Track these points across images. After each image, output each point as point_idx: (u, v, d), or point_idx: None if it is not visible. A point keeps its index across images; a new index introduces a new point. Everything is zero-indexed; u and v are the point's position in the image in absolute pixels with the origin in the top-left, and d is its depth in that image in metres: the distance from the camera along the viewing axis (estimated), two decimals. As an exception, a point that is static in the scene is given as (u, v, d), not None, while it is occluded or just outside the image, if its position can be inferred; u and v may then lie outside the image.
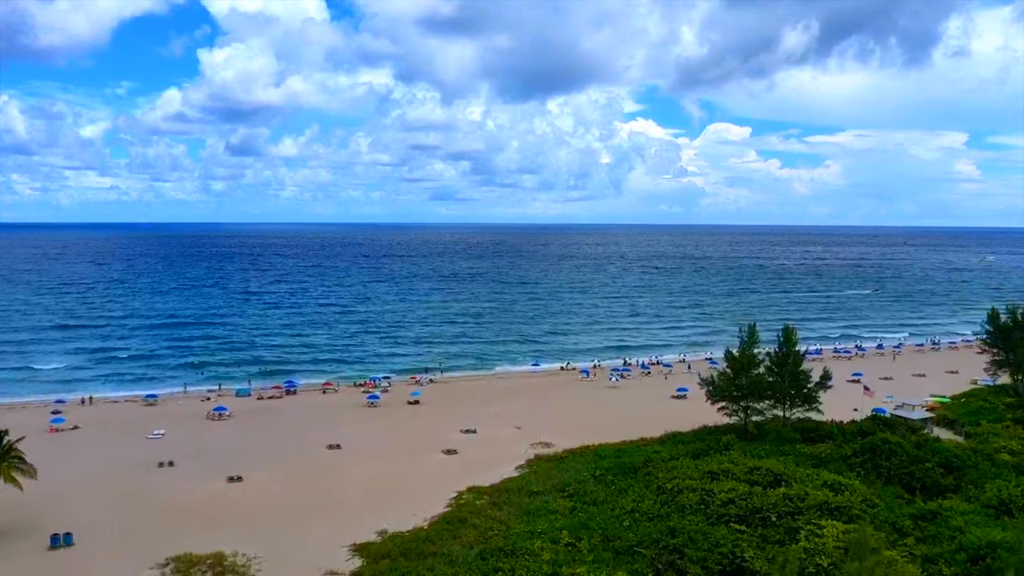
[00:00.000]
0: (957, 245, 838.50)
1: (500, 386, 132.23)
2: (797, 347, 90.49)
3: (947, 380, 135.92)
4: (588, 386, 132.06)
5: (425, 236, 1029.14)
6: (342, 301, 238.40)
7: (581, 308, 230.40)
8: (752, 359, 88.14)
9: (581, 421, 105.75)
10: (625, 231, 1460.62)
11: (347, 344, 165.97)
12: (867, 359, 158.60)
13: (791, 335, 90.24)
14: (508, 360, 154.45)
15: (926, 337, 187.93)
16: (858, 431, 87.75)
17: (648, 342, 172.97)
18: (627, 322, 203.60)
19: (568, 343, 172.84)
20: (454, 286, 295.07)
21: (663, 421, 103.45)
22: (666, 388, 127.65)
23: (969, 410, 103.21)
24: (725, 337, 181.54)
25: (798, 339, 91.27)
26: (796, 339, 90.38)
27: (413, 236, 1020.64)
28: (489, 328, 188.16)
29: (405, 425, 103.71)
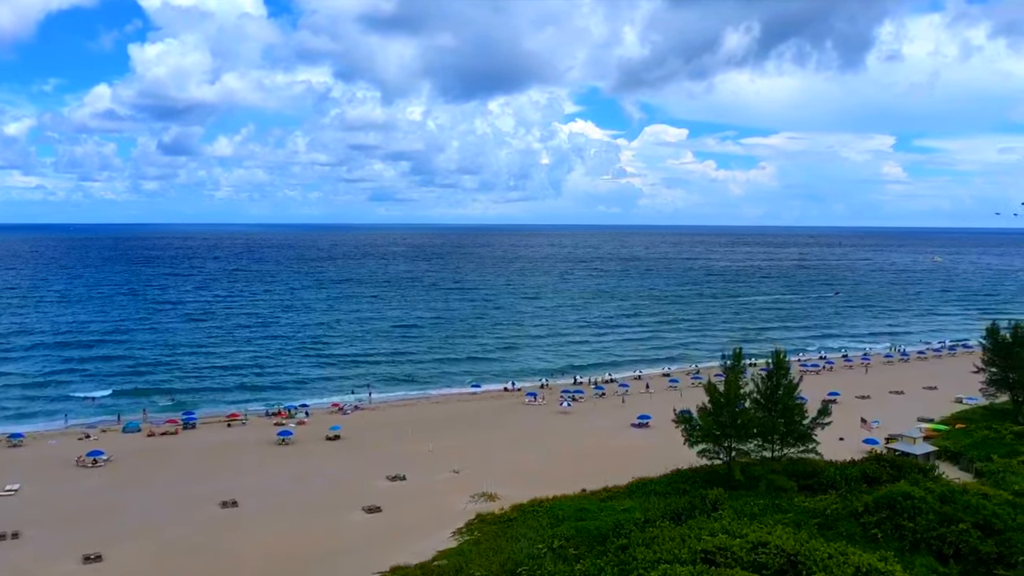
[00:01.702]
0: (895, 245, 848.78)
1: (436, 413, 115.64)
2: (790, 374, 75.99)
3: (928, 398, 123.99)
4: (536, 412, 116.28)
5: (363, 237, 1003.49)
6: (265, 311, 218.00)
7: (525, 317, 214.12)
8: (738, 392, 73.35)
9: (530, 461, 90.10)
10: (565, 232, 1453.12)
11: (264, 364, 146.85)
12: (837, 373, 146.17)
13: (782, 361, 75.79)
14: (446, 381, 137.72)
15: (892, 346, 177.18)
16: (861, 475, 73.98)
17: (600, 360, 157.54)
18: (576, 333, 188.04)
19: (512, 359, 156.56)
20: (389, 293, 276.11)
21: (627, 459, 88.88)
22: (624, 414, 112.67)
23: (973, 441, 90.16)
24: (682, 350, 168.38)
25: (788, 361, 76.69)
26: (788, 366, 75.86)
27: (351, 237, 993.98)
28: (425, 343, 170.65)
29: (321, 470, 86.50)
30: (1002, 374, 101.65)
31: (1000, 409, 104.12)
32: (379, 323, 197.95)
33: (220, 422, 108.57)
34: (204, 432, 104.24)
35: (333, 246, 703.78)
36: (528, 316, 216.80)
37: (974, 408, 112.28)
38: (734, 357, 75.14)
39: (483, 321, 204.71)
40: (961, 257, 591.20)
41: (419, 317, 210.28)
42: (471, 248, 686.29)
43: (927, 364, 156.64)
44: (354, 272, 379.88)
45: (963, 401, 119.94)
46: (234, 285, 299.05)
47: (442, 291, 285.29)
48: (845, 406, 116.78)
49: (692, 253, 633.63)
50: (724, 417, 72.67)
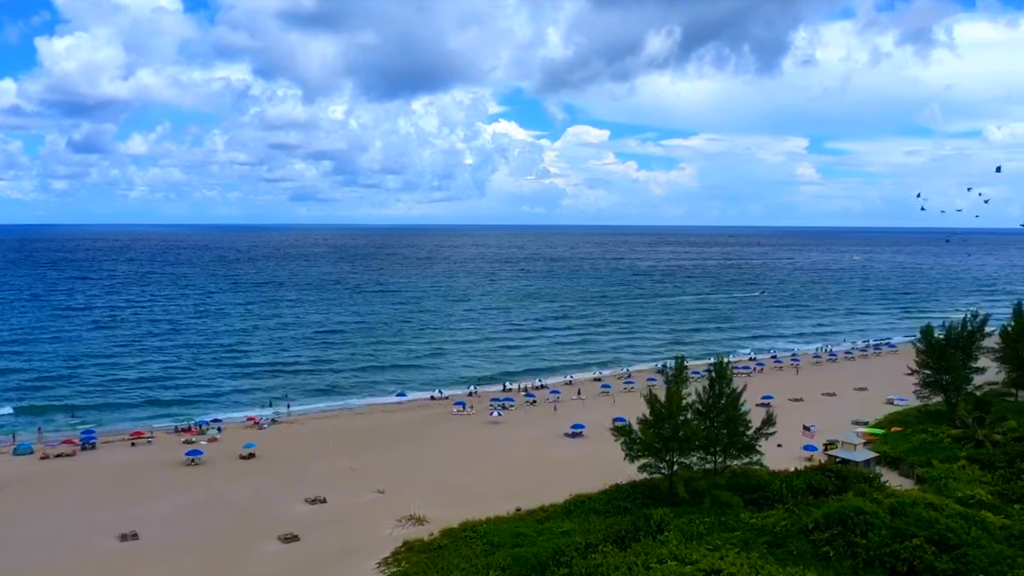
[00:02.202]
0: (812, 245, 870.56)
1: (360, 425, 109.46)
2: (733, 383, 72.55)
3: (859, 400, 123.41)
4: (465, 422, 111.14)
5: (284, 238, 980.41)
6: (179, 317, 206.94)
7: (452, 321, 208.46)
8: (680, 403, 69.54)
9: (460, 476, 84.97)
10: (489, 232, 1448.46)
11: (175, 375, 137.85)
12: (768, 374, 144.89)
13: (724, 369, 72.27)
14: (370, 390, 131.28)
15: (819, 346, 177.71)
16: (807, 487, 71.13)
17: (530, 365, 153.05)
18: (505, 338, 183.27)
19: (439, 366, 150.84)
20: (311, 296, 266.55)
21: (562, 473, 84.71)
22: (557, 423, 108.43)
23: (912, 445, 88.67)
24: (612, 354, 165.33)
25: (732, 372, 73.25)
26: (731, 375, 72.47)
27: (271, 238, 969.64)
28: (348, 350, 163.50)
29: (234, 493, 79.69)
30: (935, 376, 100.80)
31: (934, 411, 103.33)
32: (299, 329, 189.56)
33: (123, 441, 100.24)
34: (105, 452, 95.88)
35: (253, 247, 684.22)
36: (455, 320, 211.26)
37: (906, 409, 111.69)
38: (676, 366, 71.25)
39: (409, 326, 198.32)
40: (875, 256, 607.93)
41: (342, 322, 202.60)
42: (395, 249, 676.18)
43: (855, 364, 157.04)
44: (274, 274, 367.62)
45: (894, 402, 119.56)
46: (146, 289, 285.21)
47: (366, 294, 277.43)
48: (779, 409, 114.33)
49: (617, 253, 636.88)
50: (666, 430, 68.75)
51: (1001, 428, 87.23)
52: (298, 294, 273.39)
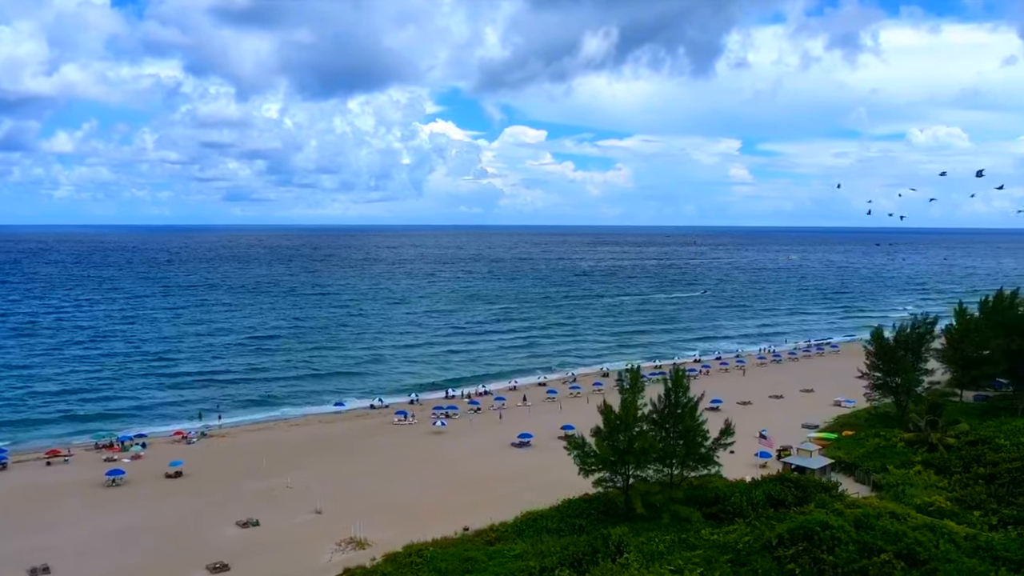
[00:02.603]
0: (746, 244, 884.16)
1: (296, 438, 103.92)
2: (689, 391, 69.47)
3: (807, 402, 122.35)
4: (407, 432, 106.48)
5: (217, 239, 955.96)
6: (103, 324, 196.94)
7: (392, 325, 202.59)
8: (636, 414, 66.27)
9: (404, 492, 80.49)
10: (427, 232, 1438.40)
11: (97, 387, 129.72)
12: (714, 377, 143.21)
13: (680, 378, 69.15)
14: (306, 400, 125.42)
15: (762, 347, 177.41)
16: (766, 498, 68.60)
17: (474, 371, 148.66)
18: (446, 342, 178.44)
19: (379, 373, 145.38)
20: (244, 300, 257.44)
21: (511, 487, 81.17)
22: (503, 431, 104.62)
23: (866, 450, 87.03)
24: (557, 358, 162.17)
25: (687, 380, 70.16)
26: (687, 383, 69.41)
27: (204, 239, 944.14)
28: (283, 357, 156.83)
29: (158, 517, 73.77)
30: (885, 378, 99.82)
31: (883, 413, 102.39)
32: (232, 335, 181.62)
33: (38, 460, 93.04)
34: (16, 473, 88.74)
35: (184, 248, 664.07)
36: (395, 323, 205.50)
37: (855, 412, 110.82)
38: (631, 375, 67.89)
39: (347, 330, 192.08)
40: (810, 255, 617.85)
41: (277, 327, 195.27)
42: (332, 250, 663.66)
43: (799, 365, 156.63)
44: (206, 277, 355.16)
45: (842, 404, 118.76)
46: (69, 293, 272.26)
47: (302, 297, 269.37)
48: (728, 413, 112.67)
49: (556, 253, 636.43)
50: (621, 442, 65.42)
51: (954, 431, 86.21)
52: (231, 297, 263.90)
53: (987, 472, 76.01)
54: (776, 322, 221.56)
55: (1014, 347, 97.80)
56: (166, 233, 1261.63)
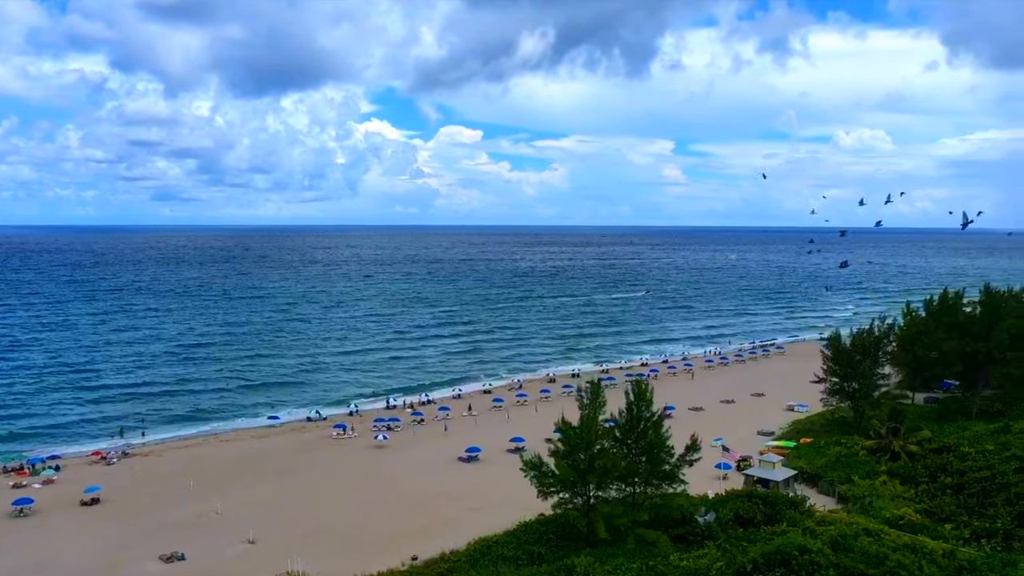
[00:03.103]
0: (682, 244, 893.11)
1: (226, 455, 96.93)
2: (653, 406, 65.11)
3: (759, 407, 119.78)
4: (347, 448, 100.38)
5: (145, 239, 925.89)
6: (18, 333, 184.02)
7: (329, 330, 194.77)
8: (597, 430, 61.69)
9: (344, 515, 74.71)
10: (363, 232, 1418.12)
11: (7, 402, 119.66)
12: (663, 381, 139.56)
13: (645, 391, 64.71)
14: (238, 413, 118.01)
15: (708, 348, 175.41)
16: (735, 517, 64.83)
17: (415, 379, 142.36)
18: (386, 348, 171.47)
19: (316, 383, 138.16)
20: (172, 304, 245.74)
21: (461, 507, 76.24)
22: (449, 445, 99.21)
23: (829, 460, 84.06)
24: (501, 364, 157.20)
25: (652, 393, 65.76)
26: (651, 396, 65.04)
27: (131, 240, 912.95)
28: (213, 366, 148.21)
29: (70, 553, 66.61)
30: (842, 383, 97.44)
31: (840, 419, 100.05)
32: (158, 343, 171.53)
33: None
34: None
35: (110, 250, 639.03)
36: (332, 329, 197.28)
37: (810, 417, 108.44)
38: (592, 388, 63.20)
39: (281, 337, 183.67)
40: (746, 255, 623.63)
41: (207, 333, 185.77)
42: (265, 251, 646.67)
43: (746, 368, 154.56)
44: (132, 280, 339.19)
45: (795, 408, 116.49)
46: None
47: (234, 301, 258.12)
48: (681, 420, 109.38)
49: (494, 253, 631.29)
50: (582, 461, 60.76)
51: (915, 438, 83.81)
52: (158, 302, 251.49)
53: (954, 482, 73.62)
54: (721, 323, 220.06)
55: (968, 350, 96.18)
56: (91, 234, 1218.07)
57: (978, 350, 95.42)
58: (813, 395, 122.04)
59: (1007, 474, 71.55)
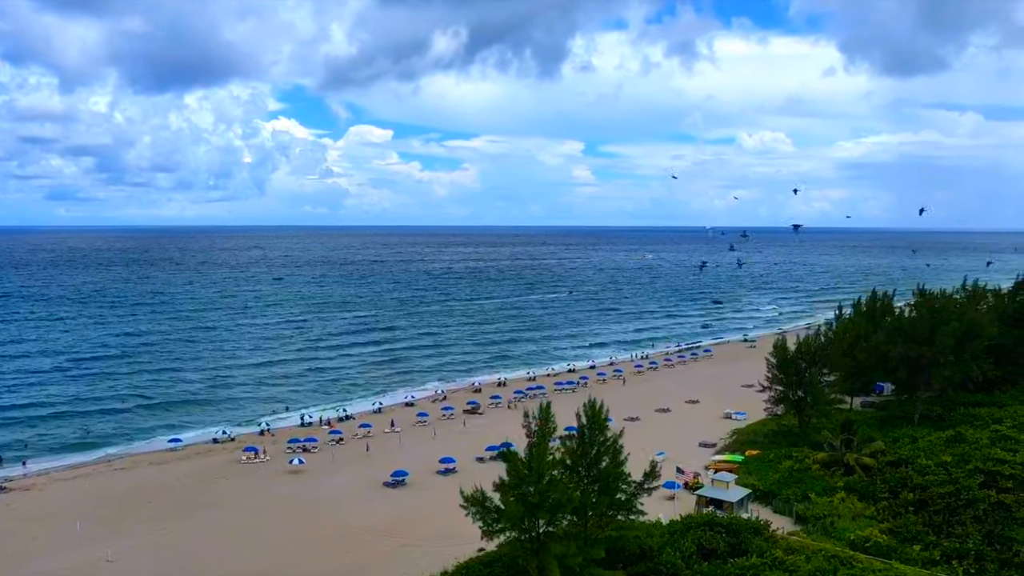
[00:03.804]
0: (594, 243, 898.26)
1: (121, 487, 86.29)
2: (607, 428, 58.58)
3: (696, 416, 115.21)
4: (258, 473, 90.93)
5: (37, 241, 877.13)
6: None
7: (237, 339, 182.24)
8: (548, 461, 54.77)
9: (256, 559, 66.15)
10: (271, 233, 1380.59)
11: None
12: (593, 389, 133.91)
13: (598, 415, 58.09)
14: (135, 435, 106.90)
15: (635, 353, 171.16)
16: (697, 549, 59.02)
17: (331, 392, 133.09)
18: (300, 358, 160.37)
19: (222, 398, 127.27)
20: (63, 311, 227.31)
21: (390, 543, 68.51)
22: (373, 467, 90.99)
23: (782, 476, 79.43)
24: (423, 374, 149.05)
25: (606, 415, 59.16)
26: (605, 419, 58.48)
27: (22, 241, 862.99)
28: (107, 382, 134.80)
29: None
30: (786, 392, 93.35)
31: (785, 430, 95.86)
32: (45, 358, 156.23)
33: None
34: None
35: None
36: (241, 338, 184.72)
37: (752, 427, 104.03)
38: (541, 413, 56.21)
39: (185, 347, 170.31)
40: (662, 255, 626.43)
41: (101, 345, 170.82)
42: (168, 252, 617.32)
43: (676, 373, 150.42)
44: (20, 286, 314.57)
45: (732, 416, 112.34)
46: None
47: (133, 308, 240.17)
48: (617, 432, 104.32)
49: (408, 254, 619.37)
50: (532, 495, 53.76)
51: (869, 450, 79.98)
52: (48, 310, 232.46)
53: (917, 498, 69.90)
54: (646, 325, 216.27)
55: (913, 355, 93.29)
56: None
57: (923, 354, 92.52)
58: (748, 401, 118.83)
59: (972, 489, 68.14)
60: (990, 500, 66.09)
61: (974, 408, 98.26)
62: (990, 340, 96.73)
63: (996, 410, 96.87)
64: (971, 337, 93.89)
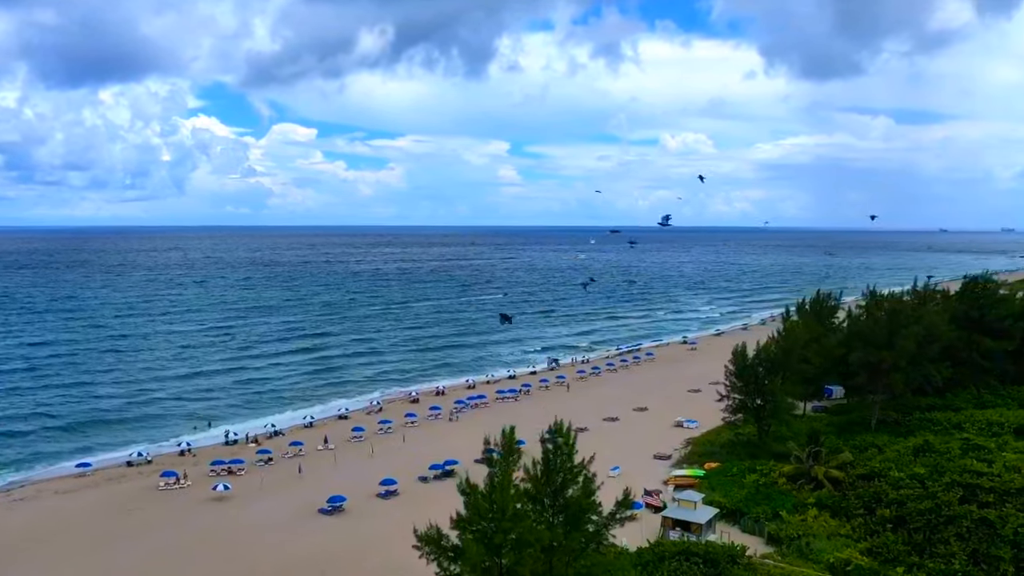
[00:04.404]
0: (523, 243, 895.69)
1: (18, 522, 76.88)
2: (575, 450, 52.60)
3: (646, 425, 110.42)
4: (179, 501, 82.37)
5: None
6: None
7: (157, 350, 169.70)
8: (513, 494, 48.53)
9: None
10: (191, 233, 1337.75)
11: None
12: (536, 397, 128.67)
13: (567, 435, 52.00)
14: (35, 459, 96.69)
15: (575, 357, 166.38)
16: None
17: (259, 405, 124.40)
18: (226, 369, 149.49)
19: (138, 416, 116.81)
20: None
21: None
22: (306, 491, 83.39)
23: (749, 492, 74.73)
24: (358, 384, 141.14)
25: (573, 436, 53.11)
26: (573, 440, 52.49)
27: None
28: (6, 401, 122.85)
29: None
30: (746, 401, 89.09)
31: (743, 440, 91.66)
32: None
33: None
34: None
35: None
36: (160, 347, 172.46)
37: (706, 437, 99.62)
38: (506, 440, 49.86)
39: (97, 358, 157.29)
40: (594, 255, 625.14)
41: (3, 357, 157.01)
42: (81, 255, 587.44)
43: (620, 378, 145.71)
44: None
45: (684, 425, 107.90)
46: None
47: (40, 315, 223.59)
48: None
49: (335, 255, 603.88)
50: (496, 534, 47.48)
51: (836, 461, 75.85)
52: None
53: (894, 514, 65.68)
54: (587, 328, 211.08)
55: (873, 360, 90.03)
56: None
57: (883, 359, 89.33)
58: (697, 408, 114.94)
59: (952, 504, 64.20)
60: (972, 516, 62.27)
61: (929, 412, 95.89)
62: (947, 343, 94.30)
63: (952, 414, 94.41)
64: (930, 341, 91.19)
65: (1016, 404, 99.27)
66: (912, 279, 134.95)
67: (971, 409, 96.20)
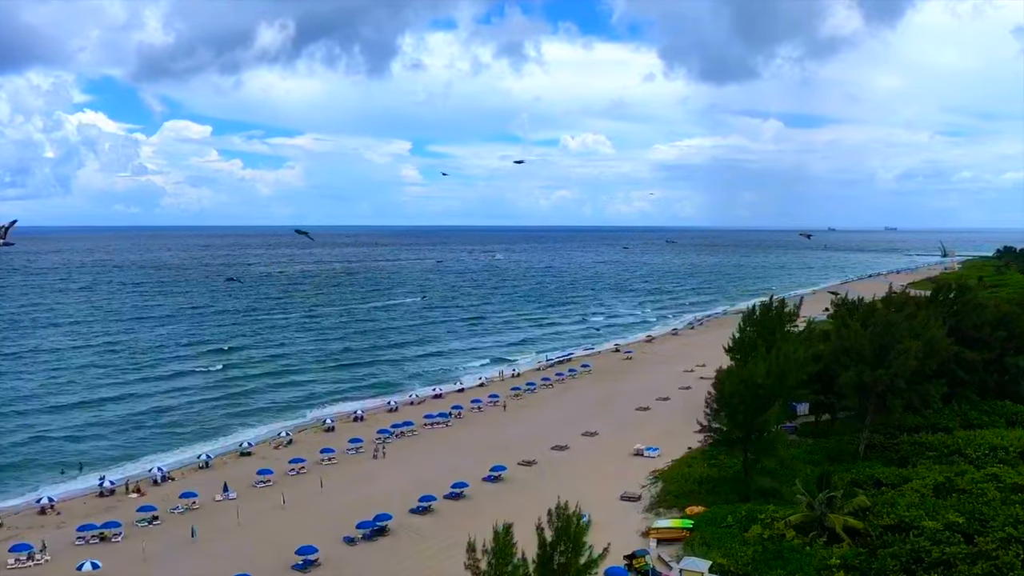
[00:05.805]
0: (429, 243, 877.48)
1: None
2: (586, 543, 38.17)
3: (602, 455, 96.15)
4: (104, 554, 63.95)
5: None
6: None
7: (21, 372, 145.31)
8: None
9: None
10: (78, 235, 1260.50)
11: None
12: (471, 422, 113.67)
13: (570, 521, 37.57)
14: None
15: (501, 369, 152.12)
16: None
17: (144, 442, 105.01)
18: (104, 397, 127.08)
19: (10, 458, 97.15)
20: None
21: None
22: (202, 566, 66.10)
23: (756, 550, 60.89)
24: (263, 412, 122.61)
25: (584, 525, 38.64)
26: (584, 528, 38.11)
27: None
28: None
29: None
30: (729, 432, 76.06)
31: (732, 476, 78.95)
32: None
33: None
34: None
35: None
36: (27, 368, 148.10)
37: (676, 469, 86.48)
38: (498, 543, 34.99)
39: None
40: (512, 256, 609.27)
41: None
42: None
43: (559, 395, 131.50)
44: None
45: (644, 454, 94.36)
46: None
47: None
48: (515, 484, 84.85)
49: (232, 257, 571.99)
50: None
51: (851, 506, 63.48)
52: None
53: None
54: (515, 337, 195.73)
55: (867, 379, 78.74)
56: None
57: (879, 379, 78.10)
58: (653, 431, 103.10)
59: (1015, 567, 52.40)
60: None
61: (917, 434, 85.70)
62: (944, 358, 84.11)
63: (945, 436, 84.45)
64: (929, 356, 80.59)
65: (1004, 422, 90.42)
66: (838, 278, 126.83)
67: (961, 431, 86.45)
